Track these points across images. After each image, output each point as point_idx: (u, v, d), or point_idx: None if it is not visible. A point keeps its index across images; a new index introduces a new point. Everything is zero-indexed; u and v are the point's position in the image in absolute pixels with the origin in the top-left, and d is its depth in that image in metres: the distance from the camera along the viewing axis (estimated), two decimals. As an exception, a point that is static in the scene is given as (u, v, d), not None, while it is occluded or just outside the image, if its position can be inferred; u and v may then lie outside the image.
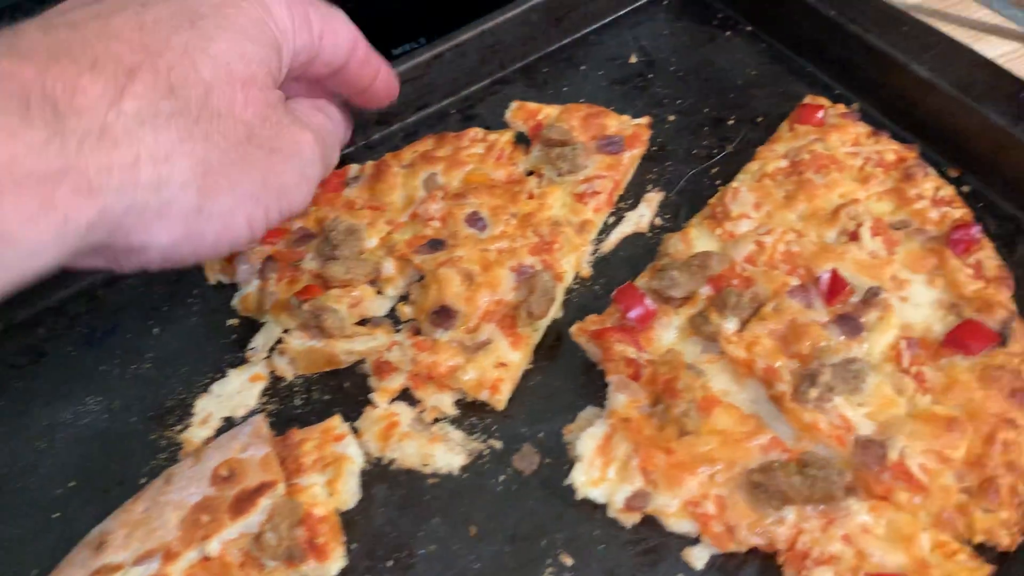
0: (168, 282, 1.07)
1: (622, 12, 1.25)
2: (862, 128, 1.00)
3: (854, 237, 0.90)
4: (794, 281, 0.88)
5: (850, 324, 0.84)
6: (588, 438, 0.82)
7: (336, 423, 0.88)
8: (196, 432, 0.93)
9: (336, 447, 0.86)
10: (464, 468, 0.86)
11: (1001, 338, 0.81)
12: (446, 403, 0.90)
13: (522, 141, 1.09)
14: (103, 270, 0.77)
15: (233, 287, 1.03)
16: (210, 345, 1.00)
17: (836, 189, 0.95)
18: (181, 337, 1.02)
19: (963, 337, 0.82)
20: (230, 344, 1.00)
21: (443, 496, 0.84)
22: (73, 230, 0.65)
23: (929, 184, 0.93)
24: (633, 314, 0.89)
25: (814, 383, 0.79)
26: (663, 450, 0.79)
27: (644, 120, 1.08)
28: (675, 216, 1.02)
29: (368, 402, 0.92)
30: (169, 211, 0.71)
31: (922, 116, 1.00)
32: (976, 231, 0.88)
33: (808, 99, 1.05)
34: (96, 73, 0.66)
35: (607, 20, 1.24)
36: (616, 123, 1.07)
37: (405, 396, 0.92)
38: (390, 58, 1.23)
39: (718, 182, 1.03)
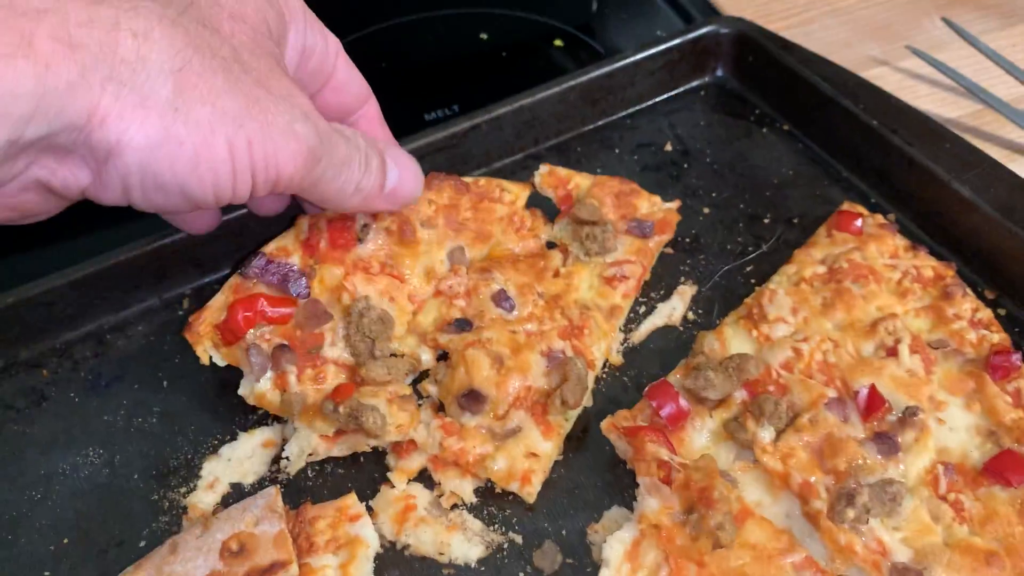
0: (180, 334, 1.04)
1: (658, 99, 1.25)
2: (900, 241, 0.99)
3: (892, 352, 0.89)
4: (831, 393, 0.86)
5: (887, 443, 0.82)
6: (616, 542, 0.80)
7: (352, 502, 0.85)
8: (202, 497, 0.89)
9: (351, 528, 0.83)
10: (481, 561, 0.83)
11: (1042, 472, 0.80)
12: (466, 490, 0.87)
13: (535, 204, 1.07)
14: (83, 196, 0.74)
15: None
16: (221, 404, 0.97)
17: (874, 301, 0.94)
18: (191, 393, 0.98)
19: (1002, 468, 0.80)
20: (242, 405, 0.96)
21: (459, 589, 0.81)
22: (53, 86, 0.63)
23: (967, 305, 0.92)
24: (665, 412, 0.87)
25: (852, 503, 0.77)
26: (695, 561, 0.77)
27: (674, 204, 1.07)
28: (708, 312, 1.01)
29: (384, 480, 0.88)
30: (146, 101, 0.67)
31: (960, 234, 1.00)
32: (1016, 358, 0.87)
33: (846, 206, 1.04)
34: None
35: (643, 105, 1.24)
36: (647, 204, 1.06)
37: (423, 477, 0.89)
38: (422, 124, 1.23)
39: (752, 280, 1.02)
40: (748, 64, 1.23)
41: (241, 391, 0.92)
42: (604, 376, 0.96)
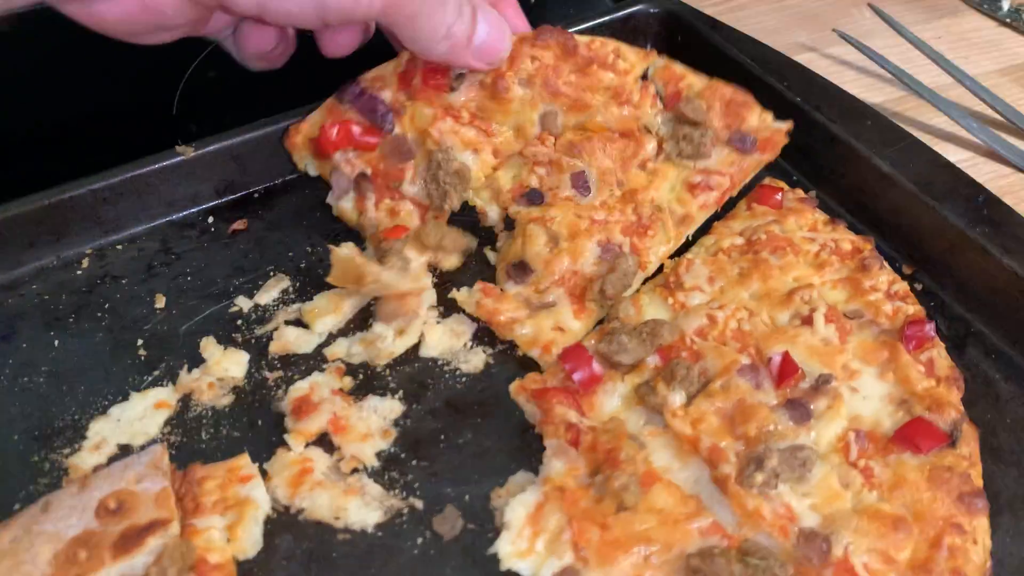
0: (78, 292, 0.99)
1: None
2: (820, 215, 0.99)
3: (807, 322, 0.88)
4: (744, 360, 0.85)
5: (799, 410, 0.81)
6: (519, 505, 0.76)
7: (243, 462, 0.80)
8: (86, 458, 0.84)
9: (241, 489, 0.78)
10: (379, 526, 0.79)
11: (951, 439, 0.79)
12: (367, 454, 0.83)
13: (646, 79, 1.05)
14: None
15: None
16: (115, 365, 0.92)
17: (791, 272, 0.93)
18: (83, 353, 0.93)
19: (913, 435, 0.79)
20: (136, 366, 0.92)
21: (353, 555, 0.77)
22: None
23: (884, 278, 0.92)
24: (578, 376, 0.84)
25: (760, 467, 0.75)
26: (598, 524, 0.74)
27: (785, 125, 1.02)
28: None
29: (281, 443, 0.84)
30: None
31: (879, 210, 0.99)
32: (930, 328, 0.86)
33: (767, 180, 1.04)
34: None
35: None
36: (757, 119, 1.02)
37: (322, 442, 0.85)
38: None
39: (672, 257, 1.00)
40: (677, 43, 1.22)
41: (328, 200, 1.00)
42: (516, 344, 0.93)
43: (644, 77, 1.04)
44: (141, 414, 0.87)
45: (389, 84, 0.98)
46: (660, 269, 0.98)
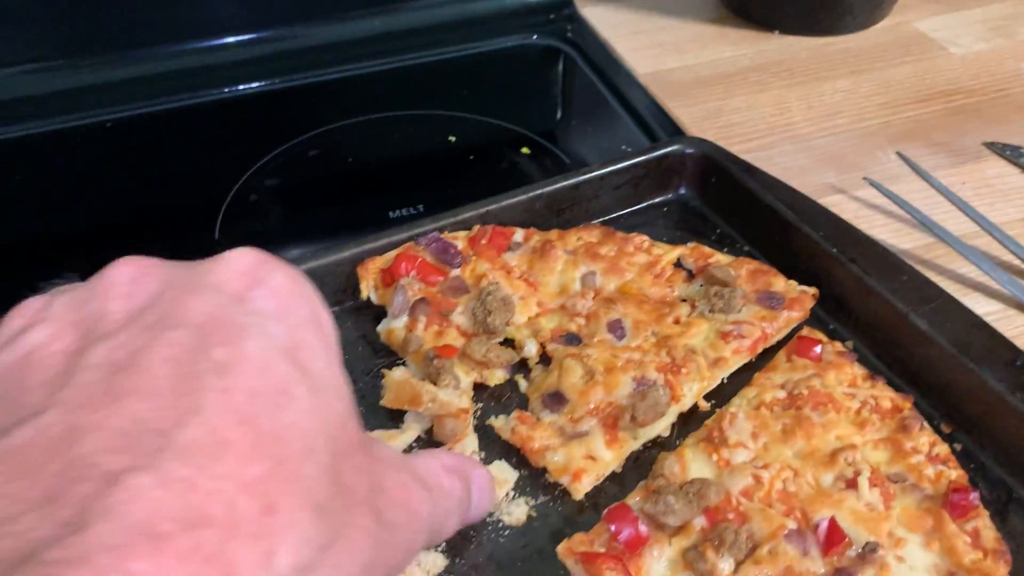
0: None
1: (622, 212, 1.27)
2: (859, 370, 1.00)
3: (851, 484, 0.88)
4: (791, 524, 0.85)
5: (847, 580, 0.81)
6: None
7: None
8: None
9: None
10: None
11: (1001, 618, 0.79)
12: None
13: (680, 266, 1.14)
14: None
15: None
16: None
17: (833, 430, 0.93)
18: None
19: (963, 612, 0.79)
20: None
21: None
22: None
23: (925, 439, 0.92)
24: (624, 537, 0.84)
25: (812, 644, 0.75)
26: None
27: (812, 290, 1.09)
28: (669, 433, 0.99)
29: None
30: None
31: (917, 367, 1.00)
32: (974, 497, 0.86)
33: (805, 331, 1.05)
34: None
35: (607, 218, 1.25)
36: (783, 284, 1.10)
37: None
38: (388, 221, 1.23)
39: (713, 400, 1.01)
40: (711, 184, 1.25)
41: (379, 328, 1.06)
42: (560, 494, 0.93)
43: (677, 264, 1.14)
44: None
45: (461, 239, 1.12)
46: (695, 409, 1.00)
